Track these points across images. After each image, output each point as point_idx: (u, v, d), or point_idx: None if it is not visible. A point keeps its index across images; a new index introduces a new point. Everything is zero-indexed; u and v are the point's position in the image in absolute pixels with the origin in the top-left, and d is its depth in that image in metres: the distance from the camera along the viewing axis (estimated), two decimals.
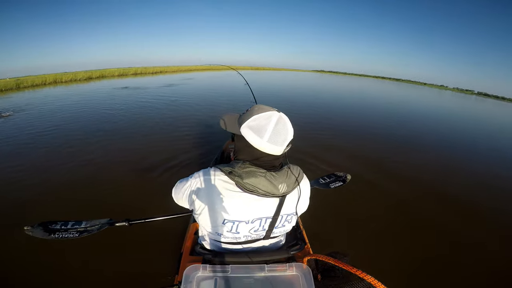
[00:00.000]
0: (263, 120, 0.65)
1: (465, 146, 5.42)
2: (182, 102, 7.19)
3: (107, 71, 19.51)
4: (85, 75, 16.72)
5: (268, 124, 0.64)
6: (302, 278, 0.67)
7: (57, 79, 14.45)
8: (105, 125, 4.75)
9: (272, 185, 0.65)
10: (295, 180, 0.70)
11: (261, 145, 0.65)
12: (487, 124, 10.38)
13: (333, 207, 2.37)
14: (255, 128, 0.65)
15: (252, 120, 0.66)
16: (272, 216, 0.70)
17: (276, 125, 0.65)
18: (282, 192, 0.67)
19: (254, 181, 0.64)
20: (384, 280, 0.53)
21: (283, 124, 0.66)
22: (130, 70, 22.14)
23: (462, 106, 18.44)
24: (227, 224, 0.69)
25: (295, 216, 0.75)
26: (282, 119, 0.67)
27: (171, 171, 2.90)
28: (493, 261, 1.94)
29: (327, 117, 6.79)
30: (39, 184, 2.56)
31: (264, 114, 0.66)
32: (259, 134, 0.64)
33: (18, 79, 13.80)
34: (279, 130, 0.65)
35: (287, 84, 18.81)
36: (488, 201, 2.87)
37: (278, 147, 0.65)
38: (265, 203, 0.68)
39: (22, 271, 1.57)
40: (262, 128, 0.64)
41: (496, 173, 3.85)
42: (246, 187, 0.64)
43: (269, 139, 0.64)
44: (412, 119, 8.19)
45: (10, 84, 11.61)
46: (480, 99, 40.98)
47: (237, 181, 0.65)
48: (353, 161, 3.68)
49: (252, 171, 0.65)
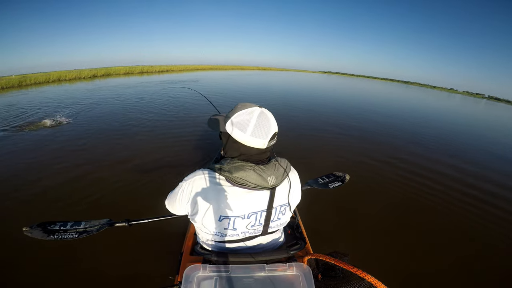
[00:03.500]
0: (245, 115, 0.69)
1: (468, 147, 5.43)
2: (187, 100, 7.18)
3: (112, 69, 19.34)
4: (90, 73, 16.55)
5: (250, 119, 0.68)
6: (302, 277, 0.67)
7: (61, 77, 14.30)
8: (106, 124, 4.73)
9: (261, 178, 0.68)
10: (283, 172, 0.73)
11: (245, 139, 0.68)
12: (489, 126, 10.40)
13: (333, 207, 2.37)
14: (238, 123, 0.69)
15: (235, 116, 0.70)
16: (266, 209, 0.72)
17: (257, 119, 0.68)
18: (272, 184, 0.70)
19: (243, 174, 0.66)
20: (384, 280, 0.54)
21: (264, 117, 0.70)
22: (136, 69, 21.83)
23: (472, 110, 18.15)
24: (224, 220, 0.70)
25: (288, 207, 0.77)
26: (264, 114, 0.70)
27: (172, 171, 2.89)
28: (496, 261, 1.95)
29: (328, 117, 6.81)
30: (37, 183, 2.55)
31: (246, 110, 0.70)
32: (242, 129, 0.68)
33: (24, 76, 13.70)
34: (261, 123, 0.68)
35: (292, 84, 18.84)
36: (489, 201, 2.88)
37: (261, 140, 0.69)
38: (256, 196, 0.70)
39: (21, 271, 1.56)
40: (245, 123, 0.68)
41: (501, 172, 3.88)
42: (236, 181, 0.67)
43: (252, 133, 0.67)
44: (416, 120, 8.21)
45: (13, 82, 11.50)
46: (491, 103, 40.39)
47: (226, 176, 0.68)
48: (353, 161, 3.69)
49: (241, 166, 0.67)
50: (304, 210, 1.51)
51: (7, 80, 11.73)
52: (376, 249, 1.92)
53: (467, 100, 36.80)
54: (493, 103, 42.22)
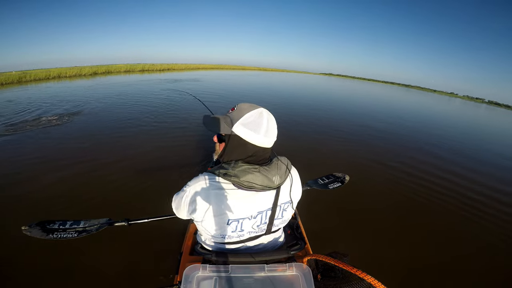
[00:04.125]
0: (257, 117, 0.70)
1: (469, 150, 5.43)
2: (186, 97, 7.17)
3: (113, 67, 19.23)
4: (91, 70, 16.51)
5: (262, 120, 0.70)
6: (302, 278, 0.67)
7: (61, 74, 14.21)
8: (105, 123, 4.73)
9: (268, 179, 0.69)
10: (285, 169, 0.74)
11: (259, 140, 0.69)
12: (487, 129, 10.41)
13: (333, 208, 2.38)
14: (251, 125, 0.69)
15: (245, 118, 0.70)
16: (272, 208, 0.73)
17: (268, 119, 0.71)
18: (277, 183, 0.71)
19: (250, 177, 0.67)
20: (384, 280, 0.54)
21: (272, 118, 0.73)
22: (137, 67, 21.67)
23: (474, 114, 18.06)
24: (232, 224, 0.70)
25: (290, 204, 0.78)
26: (270, 114, 0.73)
27: (172, 170, 2.89)
28: (496, 261, 1.95)
29: (328, 118, 6.81)
30: (36, 182, 2.54)
31: (255, 112, 0.71)
32: (255, 130, 0.69)
33: (24, 72, 13.62)
34: (272, 123, 0.72)
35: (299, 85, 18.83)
36: (490, 201, 2.89)
37: (271, 139, 0.72)
38: (263, 196, 0.71)
39: (20, 271, 1.56)
40: (258, 124, 0.69)
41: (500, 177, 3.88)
42: (244, 185, 0.67)
43: (265, 133, 0.69)
44: (415, 124, 8.22)
45: (12, 78, 11.43)
46: (491, 108, 40.12)
47: (234, 181, 0.68)
48: (353, 161, 3.69)
49: (247, 169, 0.67)
50: (304, 210, 1.51)
51: (6, 76, 11.68)
52: (375, 250, 1.92)
53: (467, 104, 36.72)
54: (493, 108, 42.05)
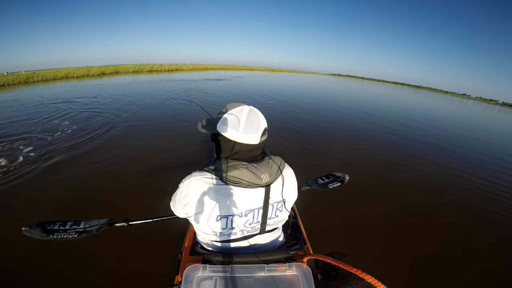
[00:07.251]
0: (235, 114, 0.72)
1: (469, 154, 5.40)
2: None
3: (121, 67, 19.19)
4: (99, 71, 16.44)
5: (241, 116, 0.71)
6: (302, 278, 0.67)
7: (69, 74, 14.14)
8: (105, 123, 4.73)
9: (255, 176, 0.69)
10: (277, 169, 0.74)
11: (238, 136, 0.70)
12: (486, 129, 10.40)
13: (333, 207, 2.37)
14: (229, 122, 0.71)
15: (226, 116, 0.72)
16: (263, 207, 0.73)
17: (247, 116, 0.71)
18: (266, 181, 0.71)
19: (236, 173, 0.68)
20: (384, 280, 0.54)
21: (254, 114, 0.73)
22: (146, 67, 21.70)
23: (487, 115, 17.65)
24: (221, 220, 0.71)
25: (283, 204, 0.78)
26: (253, 110, 0.74)
27: (172, 171, 2.89)
28: (496, 261, 1.95)
29: (330, 119, 6.81)
30: (35, 182, 2.54)
31: (235, 109, 0.73)
32: (234, 127, 0.70)
33: (34, 72, 13.54)
34: (252, 119, 0.71)
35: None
36: (490, 202, 2.89)
37: (253, 135, 0.71)
38: (252, 193, 0.71)
39: (20, 272, 1.56)
40: (236, 120, 0.70)
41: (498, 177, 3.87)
42: (230, 180, 0.69)
43: (244, 130, 0.70)
44: (421, 125, 8.22)
45: (19, 78, 11.38)
46: (504, 110, 38.46)
47: (221, 176, 0.70)
48: (353, 162, 3.69)
49: (234, 165, 0.69)
50: (304, 210, 1.51)
51: (15, 76, 11.67)
52: (375, 250, 1.92)
53: (480, 106, 36.16)
54: (507, 110, 41.18)
